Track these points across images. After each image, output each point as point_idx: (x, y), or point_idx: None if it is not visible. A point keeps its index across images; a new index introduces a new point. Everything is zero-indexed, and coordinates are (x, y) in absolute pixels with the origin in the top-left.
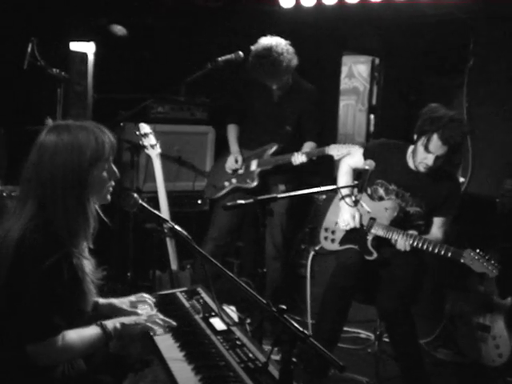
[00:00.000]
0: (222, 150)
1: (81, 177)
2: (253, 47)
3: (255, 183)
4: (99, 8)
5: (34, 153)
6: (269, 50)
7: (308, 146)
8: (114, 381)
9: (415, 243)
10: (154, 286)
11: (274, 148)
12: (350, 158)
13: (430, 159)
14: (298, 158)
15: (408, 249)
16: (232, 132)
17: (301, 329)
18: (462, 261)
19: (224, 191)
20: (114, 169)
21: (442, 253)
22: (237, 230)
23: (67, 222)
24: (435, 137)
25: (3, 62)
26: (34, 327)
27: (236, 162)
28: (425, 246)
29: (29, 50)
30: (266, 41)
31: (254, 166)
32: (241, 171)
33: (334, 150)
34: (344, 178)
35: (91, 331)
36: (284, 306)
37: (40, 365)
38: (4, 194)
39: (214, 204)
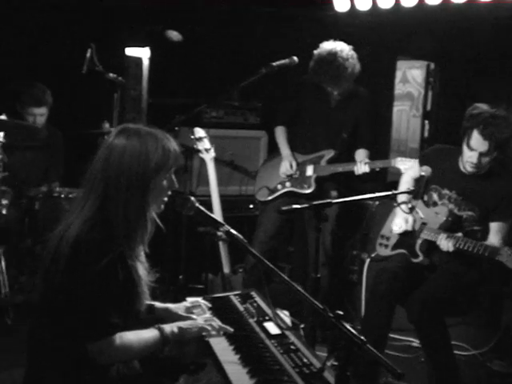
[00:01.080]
0: (273, 153)
1: (144, 182)
2: (316, 51)
3: (312, 189)
4: (155, 14)
5: (102, 153)
6: (334, 55)
7: (361, 153)
8: (169, 382)
9: (457, 244)
10: (206, 289)
11: (331, 155)
12: (411, 170)
13: (474, 157)
14: (361, 168)
15: (451, 249)
16: (282, 134)
17: (357, 334)
18: (497, 258)
19: (277, 194)
20: (174, 179)
21: (481, 252)
22: (283, 233)
23: (126, 224)
24: (475, 132)
25: (64, 67)
26: (91, 326)
27: (291, 167)
28: (466, 247)
29: (88, 55)
30: (330, 45)
31: (310, 171)
32: (295, 175)
33: (400, 163)
34: (404, 186)
35: (149, 333)
36: (341, 312)
37: (99, 363)
38: (62, 196)
39: (261, 206)
